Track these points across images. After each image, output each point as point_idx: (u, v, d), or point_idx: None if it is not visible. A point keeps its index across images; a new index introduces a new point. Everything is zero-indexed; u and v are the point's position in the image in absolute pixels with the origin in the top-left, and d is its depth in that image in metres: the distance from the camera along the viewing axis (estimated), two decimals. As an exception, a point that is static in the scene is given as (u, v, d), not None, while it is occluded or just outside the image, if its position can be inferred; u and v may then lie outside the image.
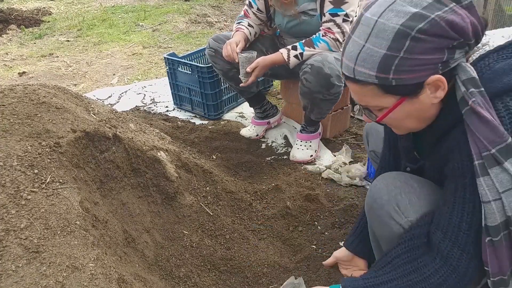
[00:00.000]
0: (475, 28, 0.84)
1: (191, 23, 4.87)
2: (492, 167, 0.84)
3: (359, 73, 0.88)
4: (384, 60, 0.84)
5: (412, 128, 1.01)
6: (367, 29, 0.85)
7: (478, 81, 0.84)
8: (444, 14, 0.80)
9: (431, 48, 0.82)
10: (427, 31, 0.80)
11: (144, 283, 1.29)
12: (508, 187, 0.83)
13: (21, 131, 1.27)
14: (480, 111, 0.82)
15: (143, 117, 2.74)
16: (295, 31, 2.08)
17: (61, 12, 5.76)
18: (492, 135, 0.82)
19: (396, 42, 0.82)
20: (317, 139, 2.25)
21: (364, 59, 0.86)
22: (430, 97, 0.88)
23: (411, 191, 1.04)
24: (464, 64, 0.86)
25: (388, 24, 0.82)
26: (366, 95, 0.92)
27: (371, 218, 1.15)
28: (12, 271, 0.98)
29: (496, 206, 0.84)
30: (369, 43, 0.85)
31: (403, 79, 0.85)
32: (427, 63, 0.83)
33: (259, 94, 2.41)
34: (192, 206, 1.69)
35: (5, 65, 3.94)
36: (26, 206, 1.10)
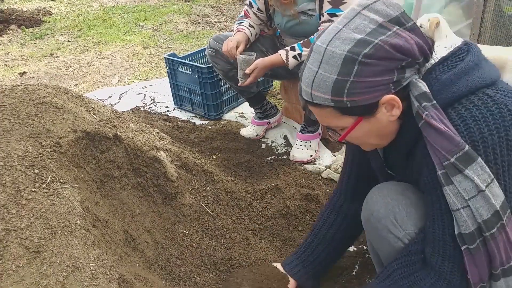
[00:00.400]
0: (420, 47, 0.87)
1: (191, 24, 4.88)
2: (455, 176, 0.86)
3: (316, 97, 0.93)
4: (336, 84, 0.88)
5: (376, 145, 1.05)
6: (319, 57, 0.89)
7: (430, 95, 0.87)
8: (387, 38, 0.84)
9: (380, 71, 0.85)
10: (372, 55, 0.84)
11: (145, 282, 1.29)
12: (473, 193, 0.85)
13: (22, 131, 1.27)
14: (434, 123, 0.85)
15: (144, 117, 2.74)
16: (295, 30, 2.08)
17: (62, 12, 5.76)
18: (449, 145, 0.84)
19: (345, 67, 0.86)
20: (317, 139, 2.25)
21: (318, 84, 0.90)
22: (387, 115, 0.92)
23: (408, 203, 1.04)
24: (415, 81, 0.89)
25: (336, 51, 0.87)
26: (326, 116, 0.96)
27: (368, 231, 1.15)
28: (13, 271, 0.98)
29: (466, 213, 0.86)
30: (321, 70, 0.89)
31: (356, 100, 0.88)
32: (377, 84, 0.86)
33: (259, 94, 2.41)
34: (192, 206, 1.70)
35: (6, 65, 3.94)
36: (27, 206, 1.10)
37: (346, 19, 0.89)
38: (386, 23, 0.86)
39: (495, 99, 0.86)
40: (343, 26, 0.88)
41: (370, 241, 1.21)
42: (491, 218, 0.84)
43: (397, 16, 0.86)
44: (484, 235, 0.86)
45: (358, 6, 0.89)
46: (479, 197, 0.84)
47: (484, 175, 0.84)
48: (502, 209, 0.85)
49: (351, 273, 1.53)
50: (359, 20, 0.87)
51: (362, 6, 0.88)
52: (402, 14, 0.87)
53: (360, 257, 1.59)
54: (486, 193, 0.84)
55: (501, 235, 0.86)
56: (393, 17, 0.86)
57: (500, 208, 0.84)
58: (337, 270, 1.54)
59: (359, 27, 0.86)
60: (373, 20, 0.86)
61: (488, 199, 0.84)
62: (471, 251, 0.87)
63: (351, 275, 1.52)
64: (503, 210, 0.85)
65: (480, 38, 2.79)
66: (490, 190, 0.84)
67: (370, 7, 0.88)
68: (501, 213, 0.84)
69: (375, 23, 0.86)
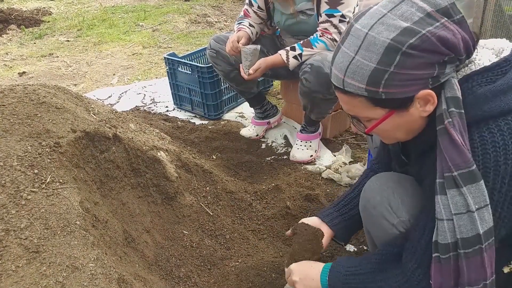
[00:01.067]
0: (466, 43, 0.83)
1: (191, 23, 4.87)
2: (450, 189, 0.84)
3: (348, 85, 0.88)
4: (374, 73, 0.83)
5: (400, 139, 1.02)
6: (357, 41, 0.85)
7: (461, 102, 0.84)
8: (435, 29, 0.80)
9: (422, 64, 0.82)
10: (418, 46, 0.80)
11: (144, 283, 1.29)
12: (461, 210, 0.84)
13: (21, 131, 1.27)
14: (453, 133, 0.83)
15: (143, 117, 2.74)
16: (294, 29, 2.08)
17: (61, 12, 5.76)
18: (458, 159, 0.82)
19: (387, 56, 0.81)
20: (317, 139, 2.25)
21: (354, 71, 0.86)
22: (420, 110, 0.89)
23: (403, 192, 1.05)
24: (454, 81, 0.86)
25: (379, 38, 0.82)
26: (356, 106, 0.92)
27: (365, 218, 1.17)
28: (12, 271, 0.98)
29: (448, 225, 0.85)
30: (359, 56, 0.84)
31: (393, 93, 0.85)
32: (417, 78, 0.83)
33: (259, 94, 2.41)
34: (192, 206, 1.70)
35: (5, 65, 3.94)
36: (26, 206, 1.10)
37: (392, 4, 0.84)
38: (435, 13, 0.80)
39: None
40: (388, 11, 0.83)
41: (367, 228, 1.22)
42: (470, 239, 0.83)
43: (446, 7, 0.81)
44: (459, 251, 0.85)
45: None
46: (466, 216, 0.83)
47: (480, 198, 0.82)
48: (485, 235, 0.83)
49: (351, 273, 1.53)
50: (406, 7, 0.82)
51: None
52: (452, 5, 0.81)
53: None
54: (474, 215, 0.82)
55: (476, 258, 0.84)
56: (442, 7, 0.81)
57: (484, 233, 0.83)
58: (337, 270, 1.54)
59: (405, 14, 0.81)
60: (421, 8, 0.81)
61: (474, 221, 0.83)
62: (441, 260, 0.87)
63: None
64: (486, 236, 0.83)
65: (480, 37, 2.78)
66: (479, 214, 0.83)
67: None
68: (482, 238, 0.83)
69: (423, 12, 0.80)
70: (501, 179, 0.83)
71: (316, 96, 1.93)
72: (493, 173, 0.83)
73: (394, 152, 1.16)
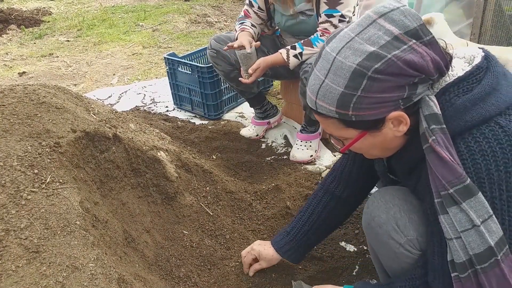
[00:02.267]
0: (436, 64, 0.83)
1: (191, 23, 4.87)
2: (451, 207, 0.84)
3: (320, 107, 0.89)
4: (342, 97, 0.84)
5: (379, 156, 1.02)
6: (327, 65, 0.85)
7: (440, 117, 0.84)
8: (401, 53, 0.79)
9: (389, 87, 0.81)
10: (383, 71, 0.79)
11: (144, 283, 1.29)
12: (466, 227, 0.83)
13: (21, 131, 1.27)
14: (439, 151, 0.82)
15: (143, 117, 2.74)
16: (294, 30, 2.09)
17: (61, 12, 5.76)
18: (450, 175, 0.82)
19: (353, 81, 0.82)
20: (317, 139, 2.25)
21: (324, 94, 0.87)
22: (393, 130, 0.89)
23: (410, 209, 1.03)
24: (428, 99, 0.85)
25: (345, 62, 0.82)
26: (329, 126, 0.93)
27: (369, 235, 1.13)
28: (12, 271, 0.98)
29: (458, 244, 0.84)
30: (328, 80, 0.85)
31: (362, 115, 0.85)
32: (386, 100, 0.83)
33: (259, 95, 2.41)
34: (192, 206, 1.69)
35: (5, 65, 3.94)
36: (26, 206, 1.10)
37: (360, 27, 0.84)
38: (402, 36, 0.80)
39: (506, 129, 0.82)
40: (356, 35, 0.83)
41: (371, 245, 1.21)
42: (483, 253, 0.82)
43: (415, 28, 0.80)
44: (476, 267, 0.84)
45: (375, 13, 0.83)
46: (473, 231, 0.82)
47: (482, 210, 0.81)
48: (498, 246, 0.82)
49: (351, 273, 1.53)
50: (374, 30, 0.82)
51: (378, 14, 0.82)
52: (421, 26, 0.81)
53: (360, 257, 1.58)
54: (481, 228, 0.81)
55: (494, 271, 0.83)
56: (411, 29, 0.80)
57: (495, 244, 0.82)
58: (337, 270, 1.54)
59: (372, 38, 0.81)
60: (388, 31, 0.81)
61: (482, 235, 0.81)
62: (461, 279, 0.86)
63: (351, 275, 1.52)
64: (499, 247, 0.82)
65: (480, 38, 2.79)
66: (485, 226, 0.81)
67: (387, 15, 0.82)
68: (495, 250, 0.82)
69: (390, 35, 0.80)
70: (498, 187, 0.82)
71: (316, 96, 1.93)
72: (488, 182, 0.82)
73: (381, 172, 1.16)
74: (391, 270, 1.11)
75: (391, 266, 1.09)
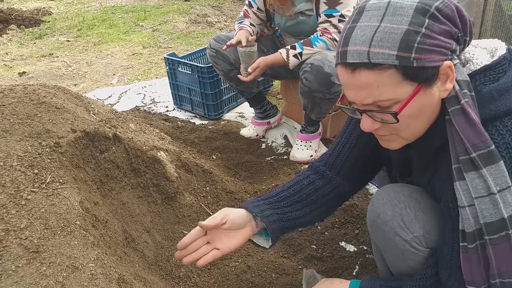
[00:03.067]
0: (470, 24, 0.84)
1: (191, 23, 4.87)
2: (469, 172, 0.83)
3: (376, 55, 0.81)
4: (406, 36, 0.79)
5: (416, 132, 0.94)
6: (379, 12, 0.82)
7: (470, 84, 0.84)
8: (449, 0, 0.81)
9: (445, 31, 0.81)
10: (442, 10, 0.80)
11: (144, 283, 1.29)
12: (481, 193, 0.82)
13: (21, 131, 1.27)
14: (470, 112, 0.81)
15: (143, 117, 2.74)
16: (294, 30, 2.09)
17: (61, 12, 5.76)
18: (477, 139, 0.81)
19: (417, 18, 0.79)
20: (317, 139, 2.25)
21: (381, 38, 0.80)
22: (440, 89, 0.86)
23: (416, 205, 1.01)
24: (459, 65, 0.85)
25: (405, 2, 0.81)
26: (381, 84, 0.83)
27: (374, 233, 1.12)
28: (12, 271, 0.98)
29: (471, 211, 0.83)
30: (386, 22, 0.81)
31: (424, 59, 0.80)
32: (443, 45, 0.81)
33: (259, 94, 2.41)
34: (192, 206, 1.69)
35: (5, 65, 3.94)
36: (26, 206, 1.10)
37: None
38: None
39: None
40: None
41: (375, 242, 1.20)
42: (495, 223, 0.81)
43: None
44: (485, 238, 0.83)
45: None
46: (488, 199, 0.81)
47: (501, 179, 0.80)
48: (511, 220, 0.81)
49: (351, 273, 1.53)
50: None
51: None
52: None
53: (360, 257, 1.58)
54: (496, 197, 0.80)
55: (504, 245, 0.82)
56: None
57: (509, 217, 0.80)
58: (337, 270, 1.54)
59: None
60: None
61: (497, 204, 0.80)
62: (468, 250, 0.85)
63: (351, 275, 1.52)
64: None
65: (480, 38, 2.79)
66: (501, 196, 0.80)
67: None
68: (508, 223, 0.80)
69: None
70: None
71: (316, 96, 1.93)
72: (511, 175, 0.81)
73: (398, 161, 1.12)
74: (396, 268, 1.10)
75: (397, 264, 1.08)
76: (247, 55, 1.96)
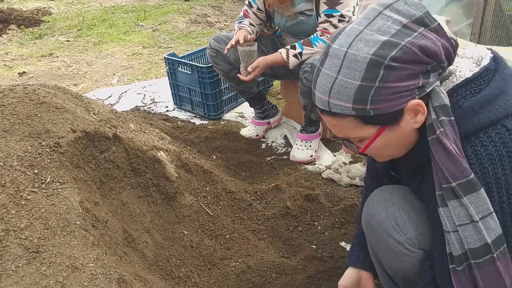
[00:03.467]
0: (446, 50, 0.83)
1: (191, 23, 4.87)
2: (451, 200, 0.84)
3: (334, 106, 0.86)
4: (359, 91, 0.81)
5: (393, 156, 0.99)
6: (338, 61, 0.83)
7: (449, 109, 0.83)
8: (414, 39, 0.79)
9: (406, 75, 0.80)
10: (399, 58, 0.79)
11: (144, 283, 1.29)
12: (464, 221, 0.83)
13: (21, 131, 1.27)
14: (446, 143, 0.81)
15: (143, 117, 2.74)
16: (294, 30, 2.09)
17: (61, 12, 5.76)
18: (455, 169, 0.81)
19: (370, 72, 0.80)
20: (317, 139, 2.25)
21: (338, 91, 0.84)
22: (411, 122, 0.87)
23: (410, 207, 1.02)
24: (438, 89, 0.85)
25: (359, 54, 0.80)
26: (345, 127, 0.89)
27: (369, 234, 1.13)
28: (12, 271, 0.98)
29: (455, 237, 0.84)
30: (342, 75, 0.83)
31: (381, 108, 0.83)
32: (403, 90, 0.81)
33: (259, 94, 2.41)
34: (192, 206, 1.70)
35: (5, 65, 3.94)
36: (26, 206, 1.10)
37: (366, 20, 0.83)
38: (411, 24, 0.80)
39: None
40: (365, 28, 0.82)
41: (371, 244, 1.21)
42: (479, 249, 0.82)
43: (421, 17, 0.81)
44: (470, 262, 0.84)
45: (379, 6, 0.83)
46: (471, 226, 0.82)
47: (482, 206, 0.81)
48: (495, 244, 0.82)
49: (351, 273, 1.52)
50: (382, 21, 0.81)
51: (383, 6, 0.83)
52: (426, 14, 0.82)
53: (360, 257, 1.58)
54: (479, 224, 0.81)
55: (489, 268, 0.83)
56: (417, 18, 0.81)
57: (493, 242, 0.81)
58: (337, 270, 1.54)
59: (382, 28, 0.81)
60: (396, 20, 0.81)
61: (480, 231, 0.82)
62: (458, 272, 0.86)
63: (351, 275, 1.52)
64: (496, 245, 0.82)
65: (480, 38, 2.79)
66: (484, 223, 0.81)
67: (392, 6, 0.82)
68: (492, 247, 0.82)
69: (399, 24, 0.80)
70: (506, 191, 0.82)
71: (316, 96, 1.93)
72: (496, 187, 0.82)
73: (383, 170, 1.15)
74: (390, 269, 1.11)
75: (391, 265, 1.09)
76: (247, 54, 1.96)
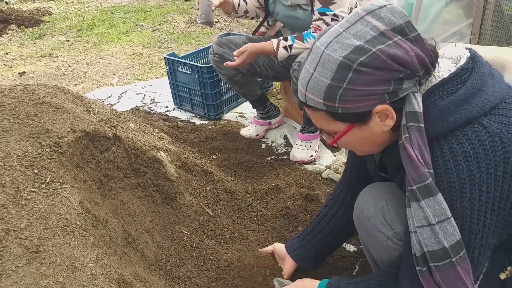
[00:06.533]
0: (421, 60, 0.85)
1: (191, 23, 4.87)
2: (413, 202, 0.87)
3: (309, 99, 0.92)
4: (329, 89, 0.86)
5: (369, 152, 1.03)
6: (316, 58, 0.88)
7: (419, 116, 0.86)
8: (386, 48, 0.82)
9: (374, 80, 0.84)
10: (368, 64, 0.82)
11: (144, 283, 1.29)
12: (423, 223, 0.86)
13: (21, 131, 1.27)
14: (408, 149, 0.85)
15: (143, 117, 2.74)
16: (292, 23, 2.09)
17: (61, 12, 5.76)
18: (415, 173, 0.85)
19: (339, 73, 0.84)
20: (317, 139, 2.25)
21: (312, 87, 0.89)
22: (380, 124, 0.91)
23: (398, 202, 1.05)
24: (413, 95, 0.87)
25: (332, 55, 0.85)
26: (319, 119, 0.95)
27: (359, 229, 1.17)
28: (12, 271, 0.98)
29: (416, 238, 0.88)
30: (316, 72, 0.88)
31: (349, 108, 0.87)
32: (371, 93, 0.85)
33: (262, 96, 2.42)
34: (192, 206, 1.70)
35: (5, 65, 3.94)
36: (26, 206, 1.10)
37: (348, 23, 0.87)
38: (388, 32, 0.83)
39: (490, 130, 0.84)
40: (344, 30, 0.86)
41: (362, 239, 1.23)
42: (437, 252, 0.85)
43: (401, 25, 0.84)
44: (430, 264, 0.86)
45: (363, 10, 0.86)
46: (428, 229, 0.85)
47: (439, 211, 0.84)
48: (453, 248, 0.84)
49: (351, 273, 1.53)
50: (361, 26, 0.85)
51: (366, 11, 0.86)
52: (407, 23, 0.84)
53: (360, 257, 1.58)
54: (436, 228, 0.84)
55: (449, 272, 0.85)
56: (397, 26, 0.84)
57: (451, 247, 0.84)
58: (337, 270, 1.54)
59: (359, 33, 0.84)
60: (375, 27, 0.84)
61: (437, 235, 0.84)
62: (423, 273, 0.88)
63: (351, 275, 1.52)
64: (455, 250, 0.84)
65: (480, 38, 2.79)
66: (441, 227, 0.84)
67: (374, 12, 0.85)
68: (450, 252, 0.84)
69: (376, 31, 0.83)
70: (478, 188, 0.84)
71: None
72: (469, 183, 0.84)
73: (372, 170, 1.18)
74: (381, 263, 1.14)
75: (381, 258, 1.12)
76: (203, 3, 2.04)
